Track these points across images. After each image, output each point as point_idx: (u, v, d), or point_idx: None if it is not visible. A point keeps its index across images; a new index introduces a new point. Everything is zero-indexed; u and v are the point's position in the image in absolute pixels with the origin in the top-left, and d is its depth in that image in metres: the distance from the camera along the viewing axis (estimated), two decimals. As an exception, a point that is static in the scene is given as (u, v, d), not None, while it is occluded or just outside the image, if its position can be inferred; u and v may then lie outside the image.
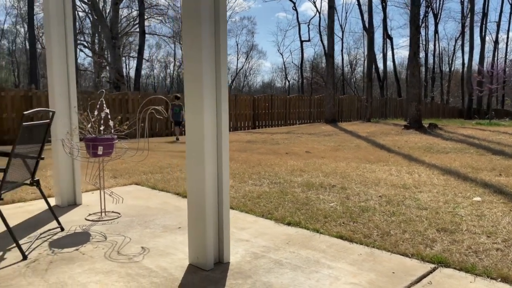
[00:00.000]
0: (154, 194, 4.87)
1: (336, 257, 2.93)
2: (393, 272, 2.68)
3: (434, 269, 2.72)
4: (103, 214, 3.92)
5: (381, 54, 39.24)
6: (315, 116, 23.44)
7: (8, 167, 2.87)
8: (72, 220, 3.78)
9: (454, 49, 44.29)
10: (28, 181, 3.30)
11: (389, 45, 39.80)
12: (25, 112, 2.83)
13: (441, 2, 39.38)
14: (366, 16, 31.16)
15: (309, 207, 4.14)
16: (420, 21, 18.60)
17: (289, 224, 3.64)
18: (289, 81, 53.98)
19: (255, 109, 20.64)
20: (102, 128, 3.72)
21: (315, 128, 16.61)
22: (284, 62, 66.17)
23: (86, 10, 30.48)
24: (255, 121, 20.59)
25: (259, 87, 59.81)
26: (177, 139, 13.78)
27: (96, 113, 3.71)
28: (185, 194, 4.75)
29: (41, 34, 36.01)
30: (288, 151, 9.17)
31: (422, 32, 32.85)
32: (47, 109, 3.52)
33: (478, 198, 4.47)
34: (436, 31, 39.97)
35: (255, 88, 58.44)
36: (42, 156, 3.36)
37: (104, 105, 3.68)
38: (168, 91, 44.03)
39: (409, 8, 39.25)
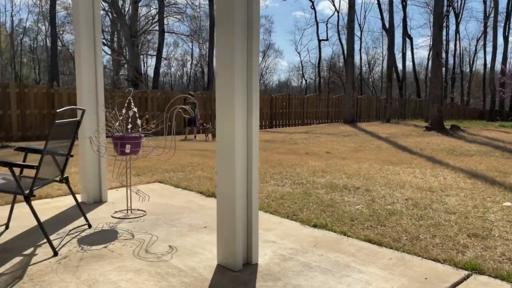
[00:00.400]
0: (177, 193, 4.89)
1: (366, 261, 2.88)
2: (426, 278, 2.62)
3: (468, 276, 2.66)
4: (129, 211, 3.94)
5: (400, 54, 38.70)
6: (333, 116, 23.28)
7: (41, 165, 2.90)
8: (98, 217, 3.81)
9: (476, 49, 43.36)
10: (57, 178, 3.33)
11: (408, 45, 39.20)
12: (58, 110, 2.86)
13: (463, 1, 38.63)
14: (385, 15, 30.82)
15: (335, 209, 4.09)
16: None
17: (315, 226, 3.60)
18: (306, 80, 53.73)
19: (272, 108, 20.60)
20: (129, 126, 3.74)
21: (334, 128, 16.50)
22: (301, 61, 65.87)
23: (106, 9, 30.82)
24: (272, 120, 20.56)
25: (275, 86, 59.69)
26: (195, 136, 13.93)
27: (124, 111, 3.73)
28: (208, 193, 4.76)
29: (61, 32, 36.60)
30: (308, 151, 9.11)
31: (443, 31, 32.27)
32: (78, 107, 3.55)
33: (508, 203, 4.36)
34: (457, 31, 39.27)
35: (271, 87, 58.32)
36: (72, 154, 3.40)
37: (132, 103, 3.69)
38: (185, 89, 44.28)
39: (429, 7, 38.67)
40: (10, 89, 12.79)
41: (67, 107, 3.13)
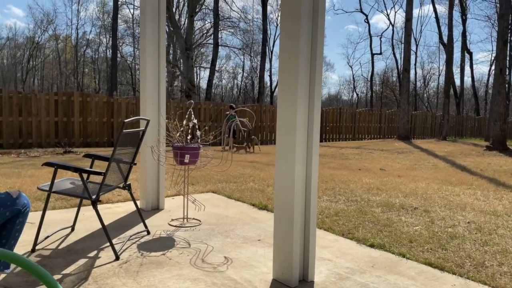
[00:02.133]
0: (230, 204, 4.94)
1: (427, 285, 2.75)
2: (495, 309, 2.46)
3: (542, 310, 2.46)
4: (185, 220, 4.03)
5: (458, 69, 37.16)
6: (385, 132, 22.69)
7: (108, 171, 3.04)
8: (156, 225, 3.92)
9: (542, 65, 40.70)
10: (121, 185, 3.48)
11: (467, 60, 37.53)
12: (125, 120, 2.99)
13: (529, 15, 36.48)
14: (443, 28, 29.79)
15: (392, 229, 3.96)
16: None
17: (372, 246, 3.50)
18: (357, 94, 52.85)
19: (322, 121, 20.41)
20: (189, 137, 3.84)
21: (387, 144, 16.06)
22: (353, 75, 64.90)
23: (164, 22, 32.09)
24: (321, 134, 20.36)
25: (325, 99, 59.17)
26: (233, 147, 14.04)
27: (184, 122, 3.85)
28: (260, 206, 4.78)
29: (121, 44, 38.48)
30: (360, 167, 8.91)
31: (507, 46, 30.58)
32: (143, 117, 3.71)
33: None
34: (521, 46, 37.12)
35: (321, 100, 57.84)
36: (135, 162, 3.54)
37: (193, 115, 3.80)
38: (235, 101, 44.99)
39: (491, 21, 36.93)
40: (74, 98, 13.61)
41: (134, 117, 3.27)
